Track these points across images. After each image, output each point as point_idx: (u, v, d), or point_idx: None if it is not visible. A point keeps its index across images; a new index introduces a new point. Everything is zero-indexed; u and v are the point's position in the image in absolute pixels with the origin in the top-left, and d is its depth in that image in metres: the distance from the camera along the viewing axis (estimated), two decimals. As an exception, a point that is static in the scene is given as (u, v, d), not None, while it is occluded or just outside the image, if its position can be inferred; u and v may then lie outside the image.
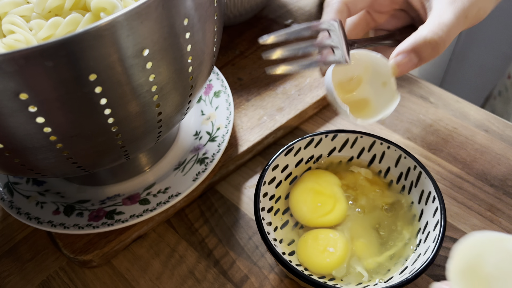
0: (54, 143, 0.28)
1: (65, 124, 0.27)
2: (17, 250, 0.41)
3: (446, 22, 0.33)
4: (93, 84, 0.26)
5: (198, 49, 0.31)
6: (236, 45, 0.57)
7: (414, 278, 0.30)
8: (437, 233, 0.32)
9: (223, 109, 0.46)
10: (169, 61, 0.29)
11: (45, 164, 0.30)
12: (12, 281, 0.39)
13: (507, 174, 0.42)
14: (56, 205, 0.40)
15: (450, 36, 0.34)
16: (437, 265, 0.37)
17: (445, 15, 0.34)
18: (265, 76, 0.53)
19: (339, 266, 0.34)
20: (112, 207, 0.40)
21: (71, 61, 0.24)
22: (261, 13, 0.62)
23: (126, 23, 0.24)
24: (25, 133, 0.27)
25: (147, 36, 0.26)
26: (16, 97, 0.24)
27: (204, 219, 0.42)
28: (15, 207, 0.40)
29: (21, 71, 0.23)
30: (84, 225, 0.38)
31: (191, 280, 0.38)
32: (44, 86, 0.24)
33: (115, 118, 0.28)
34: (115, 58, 0.25)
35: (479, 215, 0.40)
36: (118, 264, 0.39)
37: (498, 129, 0.46)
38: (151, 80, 0.28)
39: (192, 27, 0.29)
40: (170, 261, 0.39)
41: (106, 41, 0.24)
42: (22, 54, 0.22)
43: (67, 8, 0.30)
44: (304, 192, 0.38)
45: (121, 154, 0.33)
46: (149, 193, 0.41)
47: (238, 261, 0.39)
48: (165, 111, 0.32)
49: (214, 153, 0.43)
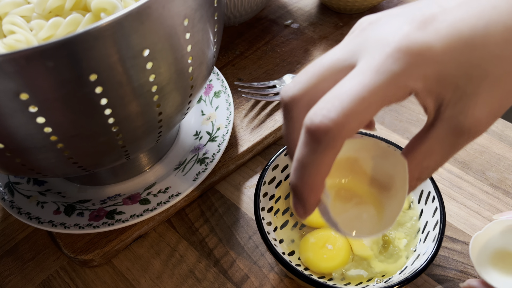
0: (54, 143, 0.28)
1: (65, 124, 0.27)
2: (18, 250, 0.41)
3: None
4: (94, 84, 0.26)
5: (198, 49, 0.31)
6: (236, 46, 0.58)
7: (414, 278, 0.30)
8: (437, 233, 0.32)
9: (223, 109, 0.46)
10: (169, 61, 0.29)
11: (46, 164, 0.31)
12: (13, 281, 0.39)
13: (506, 174, 0.43)
14: (57, 205, 0.40)
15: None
16: (436, 265, 0.37)
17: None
18: (265, 76, 0.53)
19: (340, 266, 0.34)
20: (113, 207, 0.40)
21: (72, 61, 0.24)
22: (261, 13, 0.62)
23: (127, 24, 0.24)
24: (26, 133, 0.27)
25: (148, 36, 0.26)
26: (16, 97, 0.24)
27: (204, 218, 0.42)
28: (16, 207, 0.40)
29: (22, 71, 0.23)
30: (84, 225, 0.38)
31: (191, 279, 0.38)
32: (44, 86, 0.25)
33: (115, 118, 0.28)
34: (116, 59, 0.25)
35: (478, 215, 0.40)
36: (119, 263, 0.39)
37: (497, 129, 0.46)
38: (151, 80, 0.28)
39: (193, 27, 0.29)
40: (171, 261, 0.39)
41: (106, 41, 0.24)
42: (22, 55, 0.22)
43: (68, 8, 0.30)
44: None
45: (122, 154, 0.33)
46: (150, 193, 0.41)
47: (238, 261, 0.39)
48: (165, 111, 0.32)
49: (214, 153, 0.43)
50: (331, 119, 0.23)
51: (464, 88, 0.23)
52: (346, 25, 0.59)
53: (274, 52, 0.56)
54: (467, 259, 0.37)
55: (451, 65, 0.23)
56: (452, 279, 0.36)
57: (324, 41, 0.57)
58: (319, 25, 0.59)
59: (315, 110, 0.23)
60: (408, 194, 0.27)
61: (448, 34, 0.23)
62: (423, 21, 0.24)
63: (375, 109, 0.23)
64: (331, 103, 0.23)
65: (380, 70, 0.23)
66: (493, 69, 0.23)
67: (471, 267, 0.37)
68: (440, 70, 0.23)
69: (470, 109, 0.23)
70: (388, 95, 0.23)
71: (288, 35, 0.58)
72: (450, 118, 0.24)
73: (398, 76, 0.23)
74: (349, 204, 0.28)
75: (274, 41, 0.58)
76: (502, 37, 0.23)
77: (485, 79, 0.23)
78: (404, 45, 0.23)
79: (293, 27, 0.60)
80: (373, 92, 0.23)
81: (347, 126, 0.23)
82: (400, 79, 0.23)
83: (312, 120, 0.23)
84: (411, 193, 0.32)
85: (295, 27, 0.60)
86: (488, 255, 0.30)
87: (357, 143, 0.28)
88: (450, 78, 0.23)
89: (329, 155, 0.24)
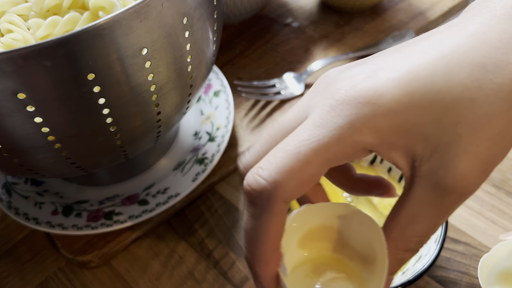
0: (52, 143, 0.28)
1: (63, 124, 0.27)
2: (16, 251, 0.41)
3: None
4: (92, 83, 0.25)
5: (197, 48, 0.31)
6: (236, 45, 0.57)
7: (416, 279, 0.30)
8: (439, 234, 0.32)
9: (222, 109, 0.46)
10: (168, 60, 0.28)
11: (44, 164, 0.30)
12: (11, 282, 0.39)
13: (509, 174, 0.42)
14: (55, 206, 0.40)
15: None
16: (438, 266, 0.37)
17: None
18: (265, 76, 0.53)
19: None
20: (111, 208, 0.40)
21: (69, 60, 0.24)
22: (261, 12, 0.62)
23: (125, 22, 0.24)
24: (24, 133, 0.27)
25: (146, 35, 0.26)
26: (14, 96, 0.24)
27: (204, 219, 0.41)
28: (13, 208, 0.40)
29: (19, 70, 0.23)
30: (82, 226, 0.38)
31: (191, 281, 0.38)
32: (42, 86, 0.24)
33: (113, 117, 0.28)
34: (114, 58, 0.25)
35: (480, 215, 0.40)
36: (117, 264, 0.39)
37: (499, 129, 0.46)
38: (150, 79, 0.28)
39: (192, 26, 0.29)
40: (170, 262, 0.39)
41: (104, 40, 0.24)
42: (20, 54, 0.22)
43: (66, 7, 0.29)
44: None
45: (120, 154, 0.33)
46: (148, 194, 0.41)
47: (238, 262, 0.38)
48: (164, 111, 0.32)
49: (214, 153, 0.43)
50: (265, 178, 0.20)
51: (437, 138, 0.20)
52: (347, 24, 0.59)
53: (274, 51, 0.56)
54: (469, 260, 0.37)
55: (410, 112, 0.20)
56: (454, 280, 0.36)
57: (324, 40, 0.57)
58: (319, 24, 0.59)
59: (251, 170, 0.21)
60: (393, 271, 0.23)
61: (402, 79, 0.20)
62: (375, 69, 0.21)
63: (317, 167, 0.21)
64: (266, 161, 0.21)
65: (321, 124, 0.21)
66: (466, 113, 0.19)
67: (473, 267, 0.36)
68: (397, 119, 0.20)
69: (451, 162, 0.20)
70: (332, 152, 0.20)
71: (288, 34, 0.58)
72: (429, 174, 0.20)
73: (342, 130, 0.20)
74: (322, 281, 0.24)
75: (275, 40, 0.57)
76: (469, 76, 0.20)
77: (459, 125, 0.20)
78: (350, 95, 0.20)
79: (294, 26, 0.59)
80: (311, 148, 0.20)
81: (284, 186, 0.20)
82: (345, 134, 0.20)
83: (247, 181, 0.21)
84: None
85: (296, 26, 0.59)
86: (496, 276, 0.30)
87: (331, 208, 0.24)
88: (413, 127, 0.20)
89: (270, 220, 0.21)
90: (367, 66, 0.22)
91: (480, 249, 0.38)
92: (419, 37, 0.22)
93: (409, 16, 0.58)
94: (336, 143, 0.20)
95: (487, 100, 0.19)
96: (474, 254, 0.37)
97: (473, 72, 0.19)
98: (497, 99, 0.19)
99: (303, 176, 0.20)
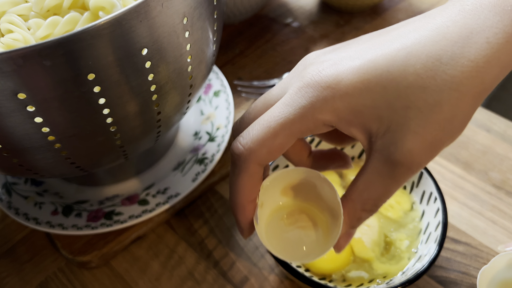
0: (52, 143, 0.28)
1: (63, 123, 0.27)
2: (15, 251, 0.41)
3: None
4: (92, 83, 0.25)
5: (197, 48, 0.31)
6: (236, 44, 0.57)
7: (416, 279, 0.30)
8: (438, 234, 0.32)
9: (223, 109, 0.46)
10: (168, 60, 0.28)
11: (44, 164, 0.30)
12: (10, 282, 0.39)
13: (509, 174, 0.42)
14: (55, 206, 0.40)
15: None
16: (438, 266, 0.37)
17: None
18: (265, 76, 0.52)
19: (341, 267, 0.34)
20: (111, 208, 0.40)
21: (70, 60, 0.24)
22: (261, 12, 0.62)
23: (125, 22, 0.24)
24: (23, 133, 0.27)
25: (146, 35, 0.26)
26: (14, 96, 0.24)
27: (203, 219, 0.41)
28: (13, 208, 0.40)
29: (19, 70, 0.23)
30: (82, 226, 0.38)
31: (191, 281, 0.37)
32: (42, 86, 0.24)
33: (113, 117, 0.28)
34: (114, 58, 0.25)
35: (480, 215, 0.40)
36: (117, 265, 0.39)
37: (500, 129, 0.46)
38: (150, 79, 0.28)
39: (192, 26, 0.29)
40: (170, 262, 0.39)
41: (104, 40, 0.24)
42: (20, 54, 0.22)
43: (66, 7, 0.29)
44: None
45: (120, 154, 0.33)
46: (148, 194, 0.40)
47: (238, 262, 0.38)
48: (164, 111, 0.31)
49: (214, 153, 0.43)
50: (243, 145, 0.26)
51: (390, 119, 0.23)
52: (347, 24, 0.59)
53: (274, 51, 0.56)
54: (470, 260, 0.37)
55: (365, 97, 0.23)
56: (454, 281, 0.36)
57: (325, 40, 0.57)
58: (320, 24, 0.59)
59: (236, 138, 0.27)
60: (353, 226, 0.28)
61: (362, 67, 0.23)
62: (342, 57, 0.24)
63: (284, 139, 0.25)
64: (246, 131, 0.26)
65: (289, 103, 0.25)
66: (416, 99, 0.22)
67: (474, 268, 0.36)
68: (352, 102, 0.24)
69: (399, 140, 0.23)
70: (297, 127, 0.25)
71: (288, 34, 0.58)
72: (382, 149, 0.24)
73: (304, 109, 0.24)
74: (293, 225, 0.30)
75: (275, 40, 0.57)
76: (424, 67, 0.22)
77: (409, 109, 0.22)
78: (314, 80, 0.24)
79: (294, 25, 0.59)
80: (280, 123, 0.25)
81: (257, 152, 0.25)
82: (307, 112, 0.24)
83: (232, 146, 0.27)
84: (412, 195, 0.32)
85: (296, 25, 0.59)
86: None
87: (307, 172, 0.29)
88: (368, 109, 0.24)
89: (245, 178, 0.26)
90: (337, 54, 0.25)
91: (480, 249, 0.38)
92: (396, 24, 0.25)
93: (409, 16, 0.58)
94: (299, 119, 0.24)
95: (437, 89, 0.22)
96: (474, 254, 0.37)
97: (428, 63, 0.22)
98: (447, 89, 0.22)
99: (272, 146, 0.25)
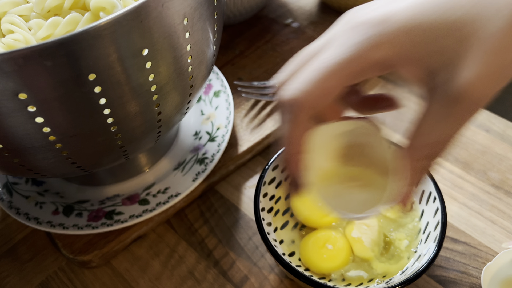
0: (53, 143, 0.28)
1: (64, 124, 0.27)
2: (16, 251, 0.41)
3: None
4: (93, 83, 0.25)
5: (197, 48, 0.31)
6: (236, 45, 0.57)
7: (415, 279, 0.30)
8: (438, 234, 0.32)
9: (223, 109, 0.46)
10: (168, 60, 0.28)
11: (44, 164, 0.30)
12: (11, 282, 0.39)
13: (508, 174, 0.42)
14: (55, 205, 0.40)
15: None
16: (437, 266, 0.37)
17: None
18: (265, 76, 0.53)
19: (340, 266, 0.34)
20: (112, 207, 0.40)
21: (70, 60, 0.24)
22: (261, 12, 0.62)
23: (126, 23, 0.24)
24: (24, 133, 0.27)
25: (147, 35, 0.26)
26: (15, 97, 0.24)
27: (204, 219, 0.42)
28: (14, 207, 0.40)
29: (20, 70, 0.23)
30: (83, 226, 0.38)
31: (191, 280, 0.38)
32: (43, 86, 0.24)
33: (114, 118, 0.28)
34: (115, 58, 0.25)
35: (480, 215, 0.40)
36: (118, 264, 0.39)
37: (499, 129, 0.46)
38: (150, 79, 0.28)
39: (192, 26, 0.29)
40: (170, 262, 0.39)
41: (105, 40, 0.24)
42: (21, 54, 0.22)
43: (67, 7, 0.30)
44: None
45: (121, 154, 0.33)
46: (149, 193, 0.41)
47: (238, 262, 0.38)
48: (164, 111, 0.32)
49: (214, 153, 0.43)
50: (296, 89, 0.24)
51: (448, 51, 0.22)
52: (346, 25, 0.59)
53: (274, 51, 0.56)
54: (469, 259, 0.37)
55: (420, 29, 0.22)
56: (453, 280, 0.36)
57: (324, 40, 0.57)
58: (319, 24, 0.59)
59: (282, 88, 0.25)
60: (414, 182, 0.26)
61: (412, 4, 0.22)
62: (387, 2, 0.23)
63: (337, 81, 0.24)
64: (294, 78, 0.25)
65: (342, 43, 0.23)
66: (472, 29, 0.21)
67: (473, 267, 0.37)
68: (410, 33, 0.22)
69: (459, 72, 0.22)
70: (351, 66, 0.23)
71: (288, 34, 0.58)
72: (441, 85, 0.22)
73: (361, 45, 0.23)
74: (344, 183, 0.29)
75: (274, 40, 0.57)
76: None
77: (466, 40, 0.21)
78: (364, 19, 0.23)
79: (294, 26, 0.59)
80: (334, 62, 0.23)
81: (309, 94, 0.24)
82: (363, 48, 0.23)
83: (280, 94, 0.25)
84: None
85: (296, 26, 0.59)
86: (499, 284, 0.30)
87: (352, 125, 0.28)
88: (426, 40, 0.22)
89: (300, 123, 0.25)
90: (380, 2, 0.24)
91: (479, 248, 0.38)
92: None
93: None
94: (356, 57, 0.23)
95: (491, 18, 0.21)
96: (474, 254, 0.37)
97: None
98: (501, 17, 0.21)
99: (325, 86, 0.24)
